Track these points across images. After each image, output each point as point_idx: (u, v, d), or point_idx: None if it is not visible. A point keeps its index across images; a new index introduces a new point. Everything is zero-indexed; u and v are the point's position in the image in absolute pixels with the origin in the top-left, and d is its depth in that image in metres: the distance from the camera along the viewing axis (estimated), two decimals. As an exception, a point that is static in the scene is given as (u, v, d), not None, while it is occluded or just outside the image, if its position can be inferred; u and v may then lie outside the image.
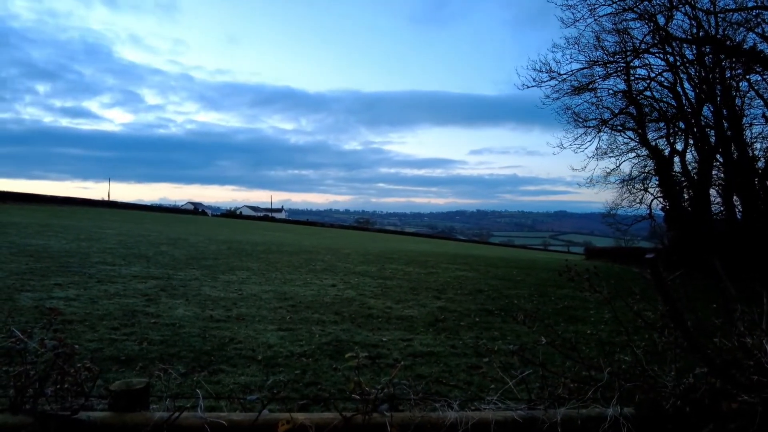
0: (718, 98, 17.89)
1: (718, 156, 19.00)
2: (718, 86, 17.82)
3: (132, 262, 11.66)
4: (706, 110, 19.23)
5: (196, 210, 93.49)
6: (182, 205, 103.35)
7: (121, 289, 8.22)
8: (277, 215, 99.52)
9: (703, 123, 19.17)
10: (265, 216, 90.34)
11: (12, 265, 9.74)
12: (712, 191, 19.63)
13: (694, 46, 17.91)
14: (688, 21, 17.47)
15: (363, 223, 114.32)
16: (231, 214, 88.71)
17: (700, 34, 16.99)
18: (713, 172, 19.32)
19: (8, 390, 1.59)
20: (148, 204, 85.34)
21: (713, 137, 18.95)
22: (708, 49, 17.53)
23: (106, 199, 73.58)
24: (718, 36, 16.73)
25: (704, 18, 16.97)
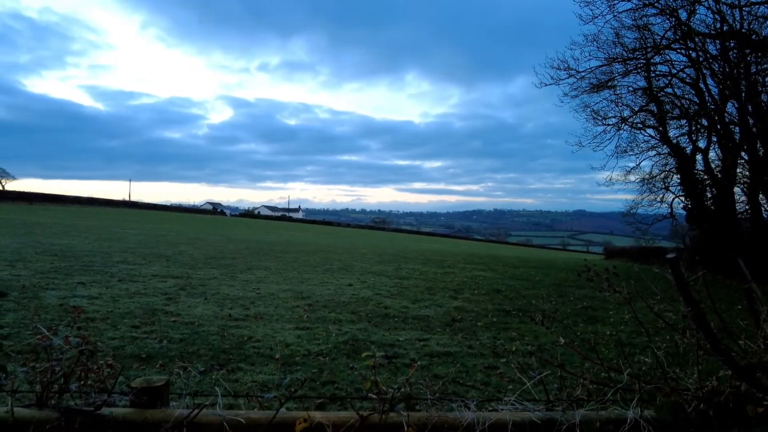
0: (743, 94, 17.41)
1: (743, 153, 18.51)
2: (743, 82, 17.34)
3: (152, 262, 11.87)
4: (731, 107, 18.75)
5: (215, 210, 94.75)
6: (201, 205, 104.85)
7: (142, 288, 8.37)
8: (294, 215, 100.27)
9: (727, 120, 18.70)
10: (282, 216, 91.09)
11: (38, 264, 10.00)
12: (737, 190, 19.15)
13: (717, 41, 17.48)
14: (711, 15, 17.06)
15: (379, 222, 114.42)
16: (249, 214, 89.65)
17: (724, 28, 16.58)
18: (738, 170, 18.83)
19: (35, 386, 1.64)
20: (168, 204, 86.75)
21: (738, 134, 18.47)
22: (732, 44, 17.08)
23: (128, 199, 75.06)
24: (743, 30, 16.30)
25: (728, 12, 16.56)
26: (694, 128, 20.19)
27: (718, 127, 18.76)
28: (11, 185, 63.95)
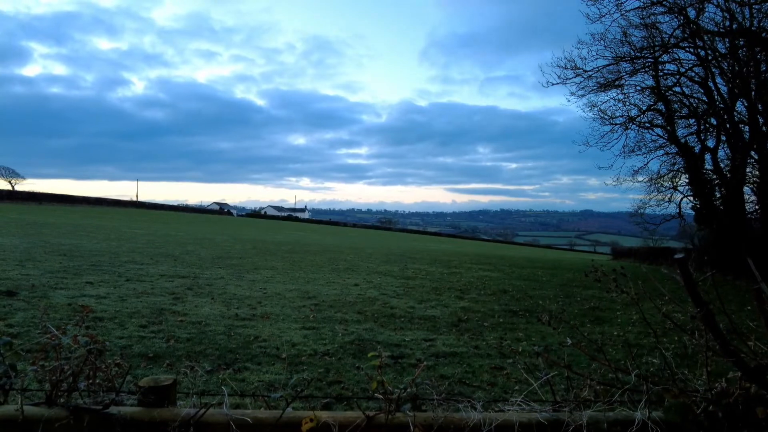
0: (753, 93, 17.25)
1: (752, 153, 18.33)
2: (753, 80, 17.18)
3: (160, 262, 11.95)
4: (740, 105, 18.58)
5: (222, 210, 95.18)
6: (208, 206, 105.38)
7: (149, 287, 8.43)
8: (300, 215, 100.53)
9: (736, 119, 18.52)
10: (288, 216, 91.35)
11: (47, 264, 10.09)
12: (746, 189, 18.96)
13: (726, 39, 17.32)
14: (720, 13, 16.93)
15: (385, 222, 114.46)
16: (255, 214, 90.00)
17: (734, 26, 16.43)
18: (747, 170, 18.65)
19: (44, 384, 1.65)
20: (175, 204, 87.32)
21: (747, 133, 18.29)
22: (742, 42, 16.91)
23: (135, 199, 75.61)
24: (753, 28, 16.15)
25: (738, 10, 16.42)
26: (702, 127, 20.01)
27: (728, 126, 18.58)
28: (20, 185, 64.69)
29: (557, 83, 18.72)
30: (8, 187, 61.56)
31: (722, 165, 19.54)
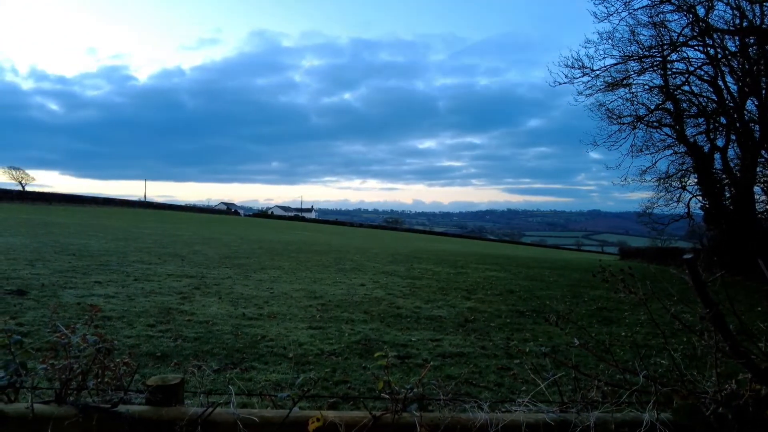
0: (764, 91, 17.07)
1: (762, 152, 18.13)
2: (764, 78, 17.00)
3: (167, 261, 12.02)
4: (750, 104, 18.39)
5: (229, 210, 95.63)
6: (215, 206, 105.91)
7: (157, 287, 8.48)
8: (307, 215, 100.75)
9: (746, 118, 18.33)
10: (295, 216, 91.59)
11: (56, 263, 10.19)
12: (757, 189, 18.77)
13: (737, 38, 17.14)
14: (730, 11, 16.76)
15: (392, 222, 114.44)
16: (263, 214, 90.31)
17: (744, 24, 16.26)
18: (758, 169, 18.46)
19: (54, 382, 1.67)
20: (183, 204, 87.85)
21: (758, 132, 18.10)
22: (752, 40, 16.74)
23: (143, 199, 76.18)
24: (764, 26, 15.98)
25: (748, 7, 16.25)
26: (712, 126, 19.82)
27: (737, 125, 18.40)
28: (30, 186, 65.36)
29: (564, 83, 18.61)
30: (18, 187, 62.20)
31: (732, 164, 19.34)
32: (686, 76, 19.30)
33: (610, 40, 17.95)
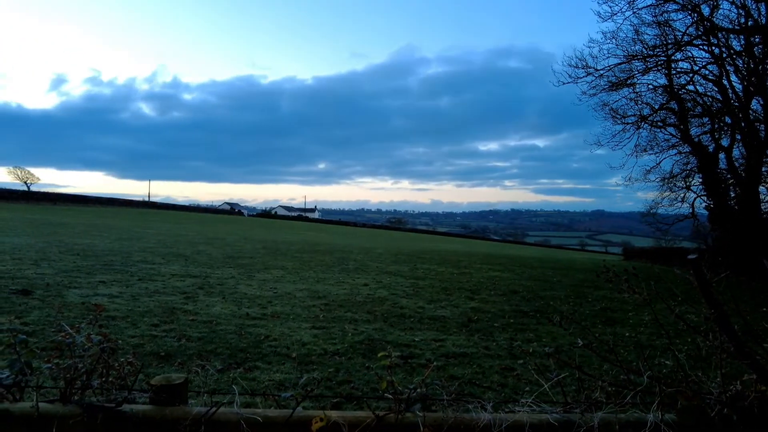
0: (769, 91, 16.99)
1: (768, 152, 18.05)
2: (769, 78, 16.92)
3: (171, 261, 12.06)
4: (755, 104, 18.30)
5: (233, 210, 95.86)
6: (219, 206, 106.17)
7: (161, 287, 8.51)
8: (310, 215, 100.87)
9: (751, 117, 18.24)
10: (299, 216, 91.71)
11: (61, 263, 10.23)
12: (762, 189, 18.67)
13: (742, 37, 17.08)
14: (735, 10, 16.71)
15: (395, 222, 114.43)
16: (266, 214, 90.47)
17: (749, 23, 16.19)
18: (763, 169, 18.36)
19: (58, 382, 1.68)
20: (186, 204, 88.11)
21: (763, 132, 18.01)
22: (758, 39, 16.67)
23: (147, 199, 76.45)
24: (769, 25, 15.90)
25: (753, 6, 16.20)
26: (716, 126, 19.74)
27: (743, 124, 18.32)
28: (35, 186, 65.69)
29: (568, 82, 18.58)
30: (24, 187, 62.55)
31: (737, 164, 19.26)
32: (691, 75, 19.24)
33: (614, 40, 17.94)
